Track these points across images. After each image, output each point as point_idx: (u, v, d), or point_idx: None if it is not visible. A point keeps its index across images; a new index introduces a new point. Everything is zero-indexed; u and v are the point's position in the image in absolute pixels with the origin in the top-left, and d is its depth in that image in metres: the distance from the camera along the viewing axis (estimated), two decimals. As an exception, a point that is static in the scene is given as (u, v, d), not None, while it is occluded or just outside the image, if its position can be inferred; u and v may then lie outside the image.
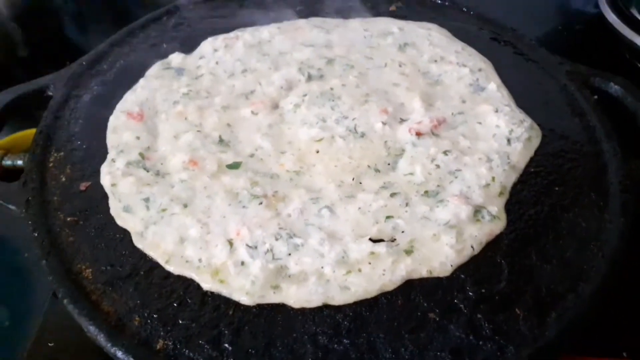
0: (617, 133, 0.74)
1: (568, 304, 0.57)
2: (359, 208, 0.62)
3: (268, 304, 0.55)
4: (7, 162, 0.75)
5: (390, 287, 0.56)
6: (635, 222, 0.64)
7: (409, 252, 0.58)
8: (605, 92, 0.81)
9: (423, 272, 0.57)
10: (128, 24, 0.88)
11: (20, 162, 0.82)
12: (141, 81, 0.77)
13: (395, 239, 0.60)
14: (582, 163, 0.70)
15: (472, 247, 0.59)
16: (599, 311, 0.59)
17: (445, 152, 0.67)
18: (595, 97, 0.79)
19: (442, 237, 0.59)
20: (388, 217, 0.61)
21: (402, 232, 0.60)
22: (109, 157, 0.67)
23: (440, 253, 0.58)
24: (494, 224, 0.62)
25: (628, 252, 0.62)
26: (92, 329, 0.53)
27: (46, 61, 1.20)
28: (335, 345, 0.53)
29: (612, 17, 1.14)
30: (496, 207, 0.63)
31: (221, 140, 0.69)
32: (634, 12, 1.15)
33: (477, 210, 0.62)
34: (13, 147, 0.82)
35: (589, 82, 0.81)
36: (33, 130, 0.88)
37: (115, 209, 0.62)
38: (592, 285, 0.58)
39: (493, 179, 0.65)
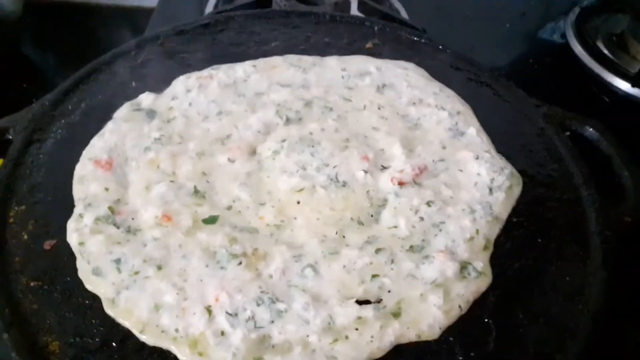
0: (594, 177, 0.74)
1: (556, 365, 0.56)
2: (344, 266, 0.60)
3: (251, 376, 0.52)
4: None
5: (378, 354, 0.54)
6: (616, 273, 0.65)
7: (396, 314, 0.56)
8: (581, 135, 0.82)
9: (412, 337, 0.56)
10: (89, 43, 0.84)
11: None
12: (109, 124, 0.73)
13: (381, 300, 0.58)
14: (562, 212, 0.70)
15: (459, 306, 0.58)
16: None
17: (428, 203, 0.66)
18: (568, 133, 0.80)
19: (429, 297, 0.58)
20: (374, 276, 0.59)
21: (389, 291, 0.58)
22: (76, 211, 0.63)
23: (428, 315, 0.57)
24: (480, 280, 0.61)
25: (611, 306, 0.62)
26: (60, 415, 0.49)
27: (3, 84, 1.15)
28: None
29: (578, 49, 1.17)
30: (481, 263, 0.62)
31: (196, 191, 0.66)
32: (600, 45, 1.18)
33: (463, 267, 0.61)
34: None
35: (564, 124, 0.82)
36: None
37: (83, 271, 0.58)
38: (579, 344, 0.58)
39: (477, 231, 0.65)
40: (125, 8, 1.45)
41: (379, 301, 0.57)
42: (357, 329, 0.54)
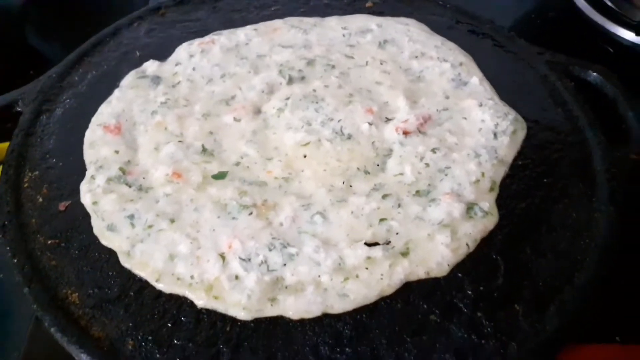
0: (599, 120, 0.74)
1: (565, 296, 0.57)
2: (352, 212, 0.61)
3: (266, 318, 0.54)
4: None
5: (388, 291, 0.55)
6: (623, 209, 0.65)
7: (405, 254, 0.57)
8: (584, 80, 0.81)
9: (421, 274, 0.57)
10: (94, 31, 0.85)
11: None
12: (116, 92, 0.74)
13: (390, 242, 0.59)
14: (568, 153, 0.70)
15: (467, 244, 0.59)
16: (593, 299, 0.59)
17: (433, 150, 0.67)
18: (572, 83, 0.80)
19: (437, 236, 0.59)
20: (382, 220, 0.60)
21: (397, 234, 0.59)
22: (88, 173, 0.65)
23: (436, 253, 0.58)
24: (487, 220, 0.61)
25: (618, 239, 0.62)
26: (83, 357, 0.51)
27: (9, 71, 1.16)
28: (338, 355, 0.52)
29: (581, 2, 1.16)
30: (487, 203, 0.63)
31: (204, 150, 0.67)
32: (604, -2, 1.17)
33: (470, 207, 0.62)
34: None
35: (568, 70, 0.82)
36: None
37: (98, 228, 0.60)
38: (587, 275, 0.59)
39: (482, 174, 0.65)
40: (128, -5, 1.46)
41: (387, 243, 0.58)
42: (367, 268, 0.55)
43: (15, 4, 1.19)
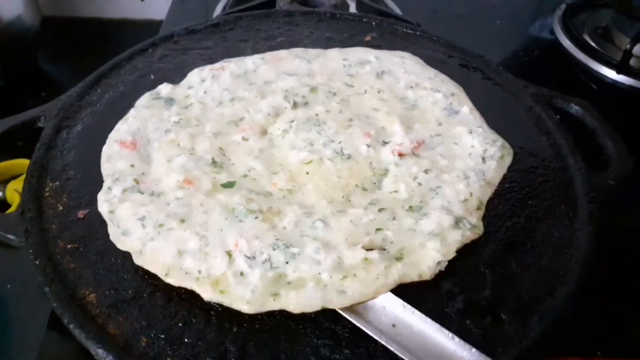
0: (579, 149, 0.80)
1: (547, 306, 0.61)
2: (351, 221, 0.65)
3: (270, 319, 0.58)
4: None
5: (384, 290, 0.59)
6: (601, 229, 0.70)
7: (399, 258, 0.62)
8: (566, 112, 0.88)
9: (414, 276, 0.61)
10: (102, 56, 0.91)
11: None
12: (132, 111, 0.79)
13: (385, 249, 0.63)
14: (551, 177, 0.76)
15: (456, 251, 0.64)
16: (574, 313, 0.64)
17: (426, 171, 0.72)
18: (558, 116, 0.86)
19: (428, 243, 0.64)
20: (378, 230, 0.65)
21: (391, 242, 0.64)
22: (105, 185, 0.69)
23: (427, 258, 0.63)
24: (474, 232, 0.67)
25: (596, 257, 0.67)
26: (100, 352, 0.54)
27: (22, 93, 1.22)
28: (337, 356, 0.56)
29: (566, 42, 1.24)
30: (475, 218, 0.68)
31: (214, 162, 0.72)
32: (586, 37, 1.25)
33: (459, 220, 0.67)
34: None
35: (551, 103, 0.88)
36: (11, 162, 0.90)
37: (114, 234, 0.64)
38: (568, 288, 0.63)
39: (471, 194, 0.70)
40: (135, 22, 1.54)
41: (382, 249, 0.63)
42: (364, 268, 0.60)
43: (31, 30, 1.25)
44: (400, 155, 0.74)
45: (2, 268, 0.85)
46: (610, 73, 1.15)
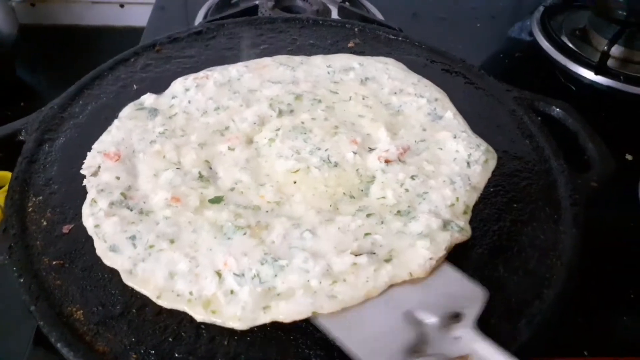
0: (562, 151, 0.82)
1: (535, 309, 0.62)
2: (339, 228, 0.66)
3: (261, 331, 0.58)
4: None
5: (374, 293, 0.60)
6: (586, 231, 0.71)
7: (388, 260, 0.63)
8: (548, 115, 0.89)
9: (404, 275, 0.61)
10: (81, 65, 0.90)
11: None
12: (115, 122, 0.78)
13: (374, 253, 0.64)
14: (535, 180, 0.77)
15: (445, 249, 0.64)
16: (561, 314, 0.65)
17: (412, 177, 0.73)
18: (539, 118, 0.87)
19: (418, 243, 0.64)
20: (366, 234, 0.65)
21: (381, 246, 0.64)
22: (89, 197, 0.68)
23: (417, 256, 0.63)
24: (461, 234, 0.67)
25: (581, 258, 0.68)
26: (89, 370, 0.54)
27: (0, 102, 1.20)
28: (329, 366, 0.56)
29: (545, 44, 1.26)
30: (462, 222, 0.69)
31: (201, 176, 0.71)
32: (564, 39, 1.27)
33: (446, 223, 0.67)
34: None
35: (534, 106, 0.89)
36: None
37: (101, 249, 0.63)
38: (554, 290, 0.64)
39: (457, 199, 0.71)
40: (114, 29, 1.52)
41: (372, 253, 0.63)
42: (353, 273, 0.60)
43: (8, 39, 1.23)
44: (387, 162, 0.75)
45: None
46: (588, 74, 1.17)
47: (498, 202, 0.73)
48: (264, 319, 0.57)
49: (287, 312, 0.58)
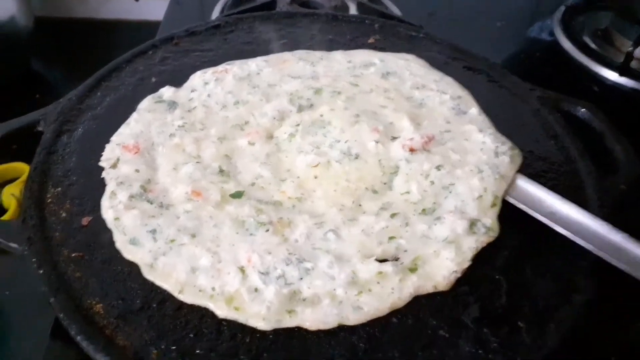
0: (588, 152, 0.80)
1: (564, 314, 0.60)
2: (362, 230, 0.64)
3: (283, 330, 0.56)
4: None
5: (399, 304, 0.58)
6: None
7: (413, 270, 0.61)
8: (573, 115, 0.87)
9: (429, 288, 0.60)
10: (95, 58, 0.89)
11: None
12: (134, 114, 0.77)
13: (399, 258, 0.62)
14: (561, 181, 0.75)
15: (471, 258, 0.63)
16: (590, 319, 0.63)
17: (438, 167, 0.71)
18: (562, 118, 0.85)
19: (442, 252, 0.62)
20: (391, 238, 0.64)
21: (405, 251, 0.63)
22: (108, 189, 0.67)
23: (442, 268, 0.61)
24: (488, 236, 0.65)
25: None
26: (109, 365, 0.53)
27: (15, 94, 1.20)
28: (353, 367, 0.54)
29: (567, 44, 1.24)
30: (490, 219, 0.67)
31: (221, 171, 0.70)
32: (586, 39, 1.25)
33: (473, 224, 0.65)
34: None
35: (558, 105, 0.87)
36: (6, 166, 0.87)
37: (121, 242, 0.62)
38: (584, 295, 0.62)
39: (485, 189, 0.69)
40: (129, 22, 1.51)
41: (396, 259, 0.62)
42: (378, 283, 0.59)
43: (24, 31, 1.23)
44: (411, 150, 0.73)
45: (1, 274, 0.82)
46: (611, 75, 1.15)
47: (526, 201, 0.71)
48: (289, 322, 0.56)
49: (312, 320, 0.56)
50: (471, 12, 1.43)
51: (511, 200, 0.69)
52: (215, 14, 1.22)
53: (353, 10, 1.19)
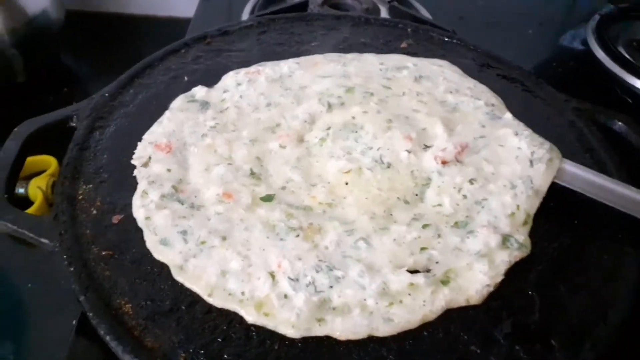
0: (625, 167, 0.78)
1: (599, 332, 0.59)
2: (394, 239, 0.63)
3: (312, 338, 0.56)
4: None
5: (431, 317, 0.57)
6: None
7: (445, 282, 0.60)
8: (609, 129, 0.85)
9: (461, 301, 0.59)
10: (123, 53, 0.88)
11: (21, 190, 0.82)
12: (167, 113, 0.77)
13: (430, 270, 0.61)
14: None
15: (504, 272, 0.61)
16: (627, 338, 0.61)
17: (470, 181, 0.70)
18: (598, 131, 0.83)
19: (475, 265, 0.61)
20: (422, 249, 0.63)
21: (437, 262, 0.62)
22: (140, 188, 0.67)
23: (475, 281, 0.60)
24: (521, 251, 0.64)
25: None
26: (137, 367, 0.52)
27: (43, 88, 1.21)
28: (382, 379, 0.54)
29: (601, 54, 1.21)
30: (522, 236, 0.66)
31: (252, 173, 0.70)
32: (621, 49, 1.22)
33: (505, 239, 0.64)
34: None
35: (594, 118, 0.86)
36: (35, 158, 0.88)
37: (151, 242, 0.62)
38: (621, 313, 0.61)
39: (518, 207, 0.68)
40: (158, 19, 1.52)
41: (428, 271, 0.61)
42: (410, 294, 0.58)
43: (55, 24, 1.23)
44: (444, 162, 0.71)
45: (23, 266, 0.83)
46: (646, 87, 1.12)
47: (558, 218, 0.70)
48: (319, 331, 0.55)
49: (342, 329, 0.55)
50: (502, 16, 1.41)
51: (562, 184, 0.71)
52: (246, 14, 1.22)
53: (384, 13, 1.18)
